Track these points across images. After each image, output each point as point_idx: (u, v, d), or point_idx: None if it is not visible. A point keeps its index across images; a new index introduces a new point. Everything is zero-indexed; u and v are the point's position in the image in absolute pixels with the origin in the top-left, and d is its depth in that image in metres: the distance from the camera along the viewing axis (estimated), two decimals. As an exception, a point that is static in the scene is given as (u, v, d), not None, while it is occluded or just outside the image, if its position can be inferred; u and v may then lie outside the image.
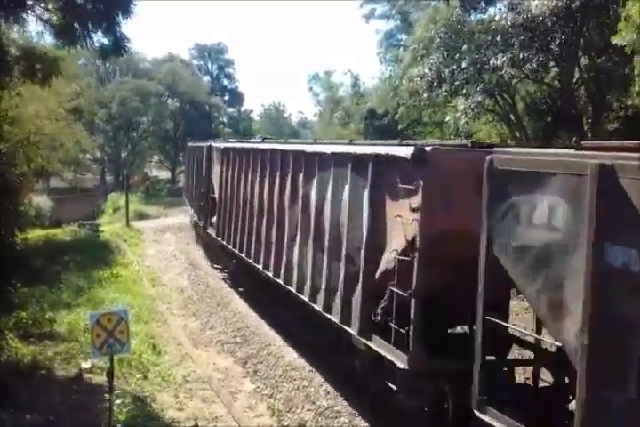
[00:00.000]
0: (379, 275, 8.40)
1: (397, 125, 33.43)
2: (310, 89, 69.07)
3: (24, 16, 11.41)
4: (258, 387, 10.90)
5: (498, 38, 18.37)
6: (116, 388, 8.46)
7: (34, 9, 11.04)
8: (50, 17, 11.30)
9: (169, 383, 10.72)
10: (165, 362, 11.73)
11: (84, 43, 11.39)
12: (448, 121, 24.52)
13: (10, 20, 11.53)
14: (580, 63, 19.12)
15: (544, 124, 20.76)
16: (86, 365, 10.42)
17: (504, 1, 19.19)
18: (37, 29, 13.23)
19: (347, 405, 9.78)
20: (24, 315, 12.57)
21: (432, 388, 7.58)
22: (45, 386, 9.70)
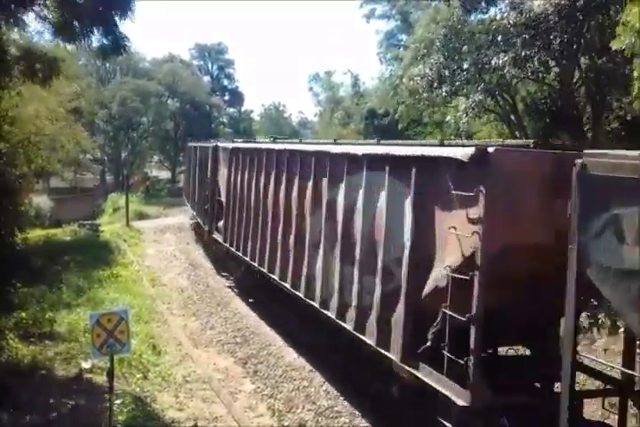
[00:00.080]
0: (426, 294, 7.36)
1: (398, 125, 33.44)
2: (310, 89, 69.36)
3: (24, 18, 11.44)
4: (258, 387, 10.90)
5: (499, 38, 18.35)
6: (116, 388, 8.44)
7: (32, 6, 11.01)
8: (48, 14, 11.24)
9: (169, 383, 10.72)
10: (165, 362, 11.73)
11: (83, 40, 11.36)
12: (449, 121, 24.52)
13: (10, 23, 11.53)
14: (581, 63, 19.12)
15: (544, 124, 20.76)
16: (86, 365, 10.41)
17: (506, 0, 19.19)
18: (37, 29, 13.17)
19: (347, 405, 9.79)
20: (24, 315, 12.55)
21: (496, 425, 6.71)
22: (45, 386, 9.68)
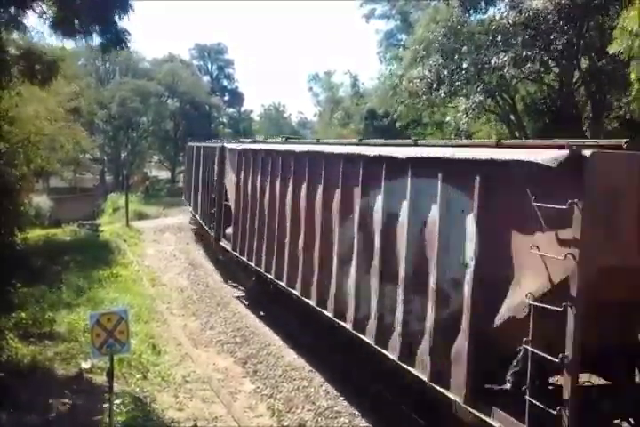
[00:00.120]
0: (499, 324, 6.19)
1: (397, 125, 33.48)
2: (310, 89, 69.38)
3: (24, 21, 11.46)
4: (258, 387, 10.89)
5: (499, 38, 18.37)
6: (116, 388, 8.43)
7: (32, 4, 11.01)
8: (47, 9, 11.22)
9: (169, 383, 10.71)
10: (165, 362, 11.73)
11: (83, 35, 11.32)
12: (449, 121, 24.56)
13: (10, 28, 11.54)
14: (580, 64, 19.13)
15: (543, 124, 20.78)
16: (86, 365, 10.41)
17: (505, 0, 19.20)
18: (37, 29, 13.21)
19: (347, 405, 9.79)
20: (24, 315, 12.54)
21: None
22: (45, 386, 9.68)
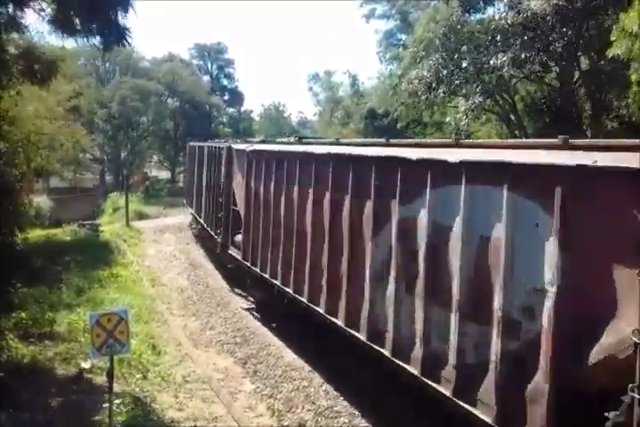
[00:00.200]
0: (592, 363, 5.39)
1: (397, 125, 33.50)
2: (310, 89, 69.37)
3: (23, 22, 11.45)
4: (258, 387, 10.89)
5: (498, 38, 18.40)
6: (116, 388, 8.44)
7: (30, 3, 11.03)
8: (46, 7, 11.23)
9: (169, 384, 10.71)
10: (165, 362, 11.73)
11: (83, 34, 11.29)
12: (449, 121, 24.59)
13: (10, 28, 11.53)
14: (580, 64, 19.14)
15: (543, 123, 20.78)
16: (86, 365, 10.40)
17: (504, 0, 19.22)
18: (37, 28, 13.22)
19: (347, 405, 9.79)
20: (24, 315, 12.53)
21: None
22: (45, 386, 9.69)
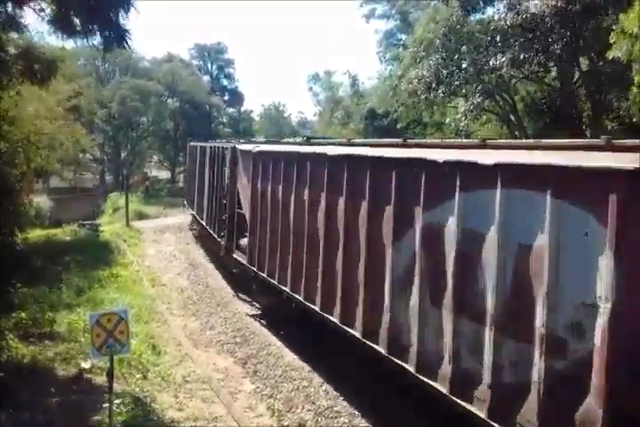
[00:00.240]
0: None
1: (397, 126, 33.51)
2: (310, 89, 69.35)
3: (22, 21, 11.46)
4: (258, 387, 10.89)
5: (497, 38, 18.42)
6: (116, 388, 8.45)
7: (29, 3, 11.03)
8: (46, 7, 11.22)
9: (169, 384, 10.71)
10: (165, 362, 11.72)
11: (83, 34, 11.29)
12: (449, 122, 24.61)
13: (8, 26, 11.53)
14: (580, 64, 19.15)
15: (543, 123, 20.79)
16: (86, 365, 10.41)
17: (503, 1, 19.23)
18: (36, 28, 13.22)
19: (346, 405, 9.79)
20: (24, 315, 12.54)
21: None
22: (45, 386, 9.68)
